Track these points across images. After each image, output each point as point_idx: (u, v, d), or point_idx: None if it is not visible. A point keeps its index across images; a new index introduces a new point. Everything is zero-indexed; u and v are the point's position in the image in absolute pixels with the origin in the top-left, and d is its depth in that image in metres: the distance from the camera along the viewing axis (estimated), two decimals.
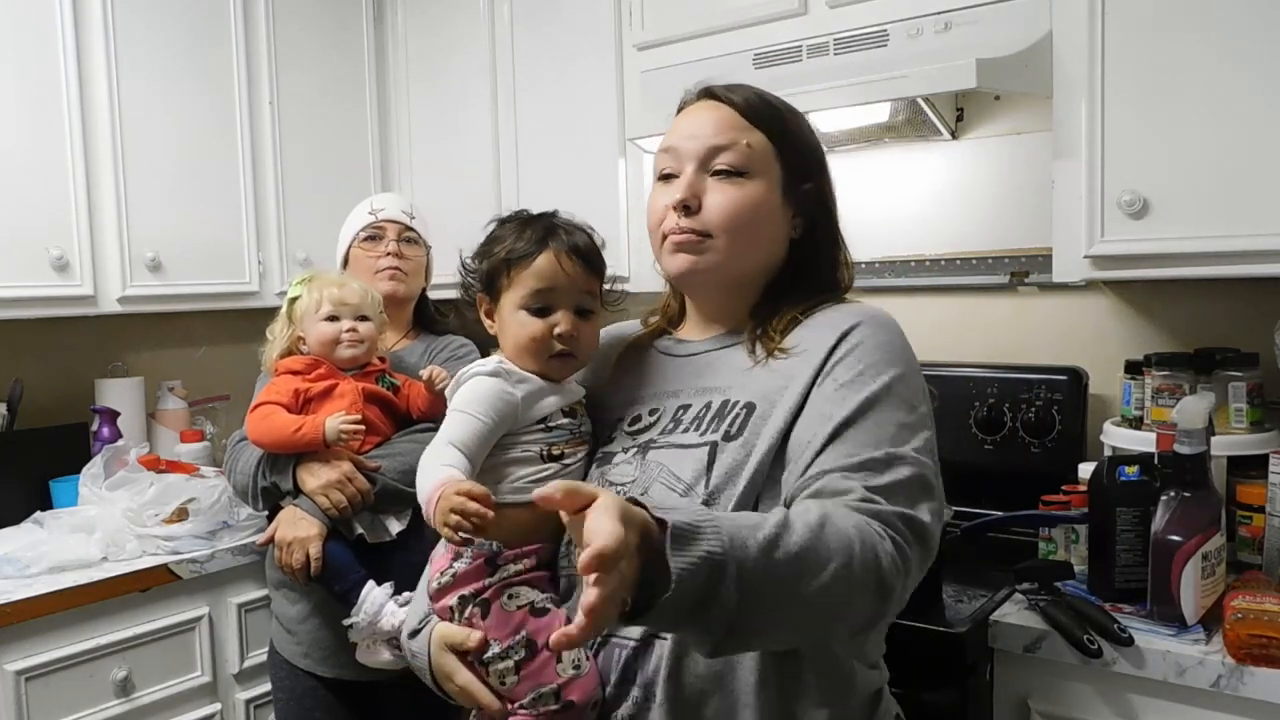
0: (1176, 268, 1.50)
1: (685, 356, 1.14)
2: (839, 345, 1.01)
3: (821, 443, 0.95)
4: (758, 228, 1.08)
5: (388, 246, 1.89)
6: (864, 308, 1.08)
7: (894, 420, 0.96)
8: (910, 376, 1.01)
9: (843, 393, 0.97)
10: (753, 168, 1.07)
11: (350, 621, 1.58)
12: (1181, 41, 1.45)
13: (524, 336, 1.10)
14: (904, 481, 0.93)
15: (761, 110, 1.11)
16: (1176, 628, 1.32)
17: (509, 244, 1.13)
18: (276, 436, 1.62)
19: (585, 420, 1.15)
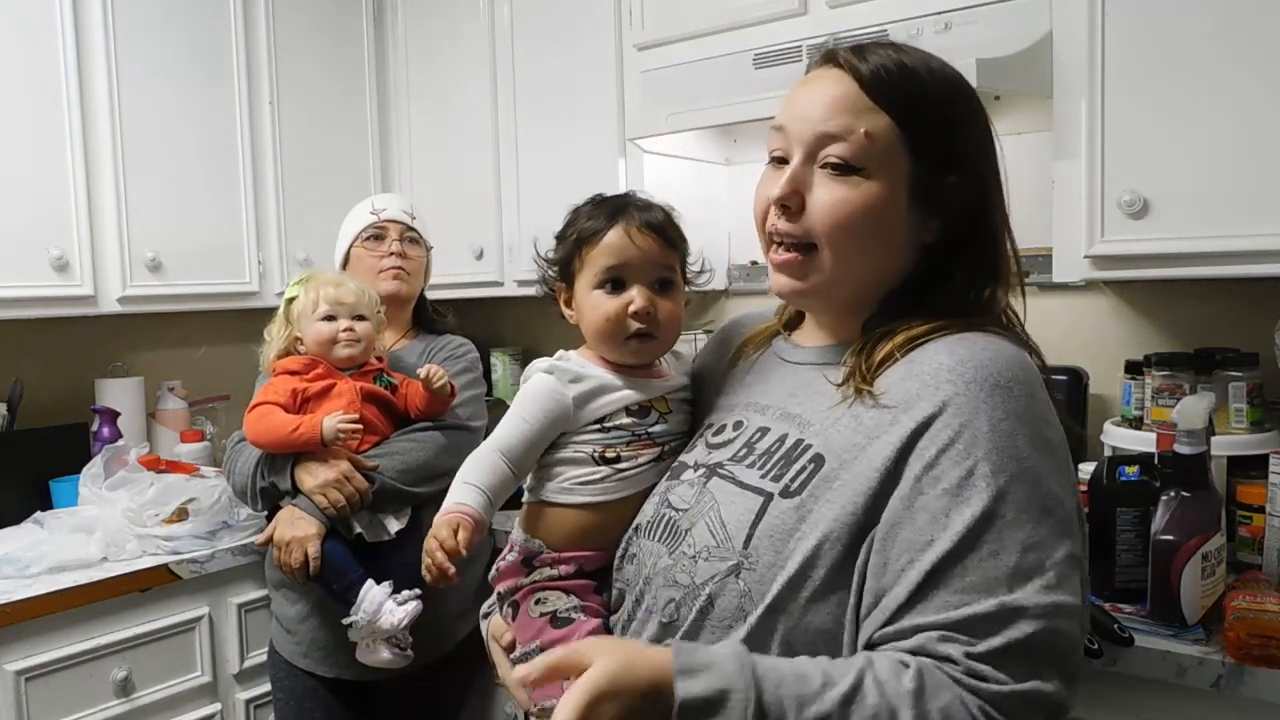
0: (1176, 268, 1.50)
1: (790, 364, 1.01)
2: (937, 418, 0.81)
3: (915, 582, 0.77)
4: (870, 237, 0.90)
5: (390, 246, 1.89)
6: (982, 349, 0.85)
7: (1015, 545, 0.76)
8: (1041, 465, 0.80)
9: (945, 503, 0.78)
10: (870, 163, 0.88)
11: (349, 621, 1.58)
12: (1182, 41, 1.45)
13: (598, 317, 1.03)
14: (1021, 645, 0.74)
15: (892, 83, 0.89)
16: (1176, 628, 1.32)
17: (580, 224, 1.07)
18: (274, 436, 1.62)
19: (667, 420, 1.06)
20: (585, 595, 1.02)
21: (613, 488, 1.02)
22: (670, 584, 0.90)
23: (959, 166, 0.92)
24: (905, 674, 0.74)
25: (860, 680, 0.74)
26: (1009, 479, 0.78)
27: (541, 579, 1.03)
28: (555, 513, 1.04)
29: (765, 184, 0.95)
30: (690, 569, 0.89)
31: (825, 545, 0.82)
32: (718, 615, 0.86)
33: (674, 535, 0.93)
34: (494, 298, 2.51)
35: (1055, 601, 0.76)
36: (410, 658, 1.61)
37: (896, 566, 0.79)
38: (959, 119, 0.94)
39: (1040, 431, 0.83)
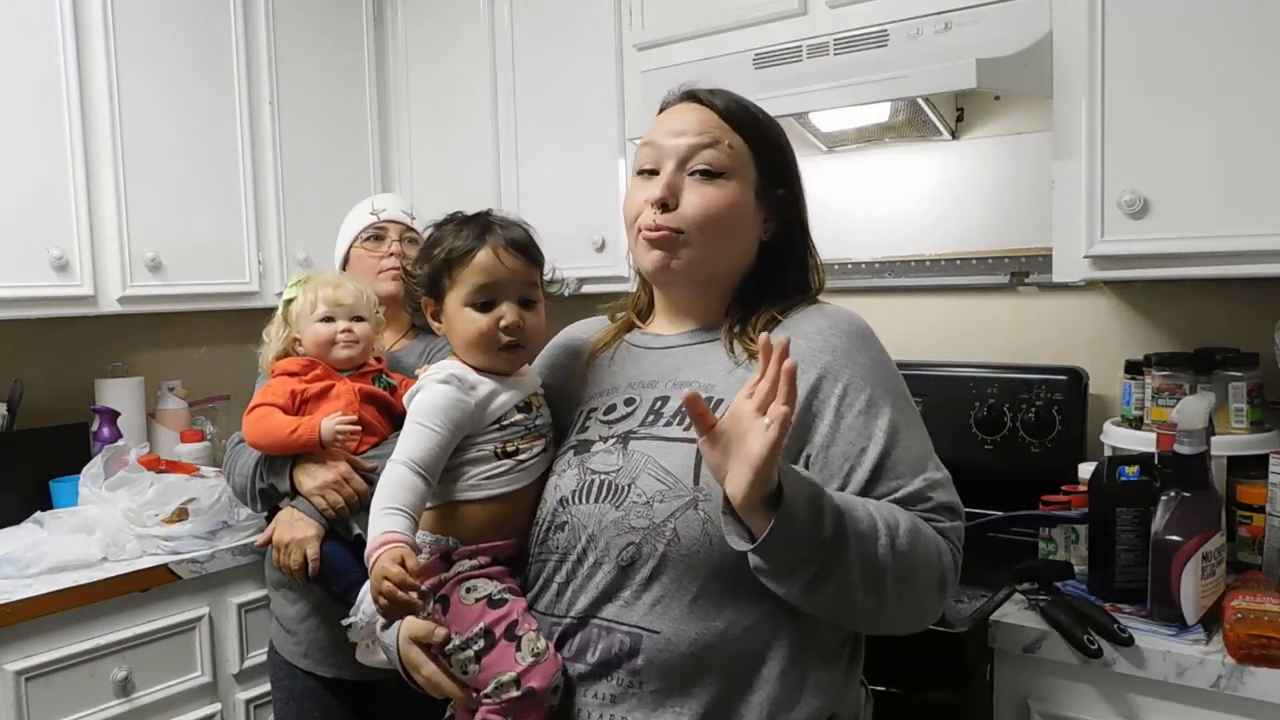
0: (1176, 268, 1.50)
1: (659, 349, 1.17)
2: (834, 364, 1.06)
3: (864, 478, 1.02)
4: (732, 228, 1.12)
5: (390, 247, 1.89)
6: (838, 313, 1.13)
7: (915, 439, 1.06)
8: (902, 386, 1.10)
9: (864, 421, 1.04)
10: (731, 169, 1.11)
11: (349, 621, 1.58)
12: (1182, 41, 1.45)
13: (471, 332, 1.12)
14: (944, 503, 1.04)
15: (741, 115, 1.15)
16: (1176, 628, 1.32)
17: (448, 244, 1.14)
18: (273, 438, 1.62)
19: (542, 414, 1.17)
20: (504, 579, 1.10)
21: (515, 478, 1.12)
22: (626, 530, 1.02)
23: (786, 181, 1.17)
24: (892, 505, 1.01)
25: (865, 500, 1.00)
26: (894, 396, 1.07)
27: (465, 570, 1.10)
28: (465, 509, 1.11)
29: (637, 191, 1.14)
30: (646, 513, 1.01)
31: None
32: (684, 544, 0.99)
33: (615, 493, 1.04)
34: None
35: (945, 474, 1.06)
36: None
37: (843, 471, 1.03)
38: (785, 146, 1.19)
39: (892, 363, 1.11)
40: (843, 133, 2.04)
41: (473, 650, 1.05)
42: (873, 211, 2.13)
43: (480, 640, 1.05)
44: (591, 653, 1.02)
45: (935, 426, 1.12)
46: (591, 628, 1.03)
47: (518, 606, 1.07)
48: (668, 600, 0.99)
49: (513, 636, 1.04)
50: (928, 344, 2.07)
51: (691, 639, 0.98)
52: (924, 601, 1.01)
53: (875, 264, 2.13)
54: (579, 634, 1.03)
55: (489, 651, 1.04)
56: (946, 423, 1.86)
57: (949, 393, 1.90)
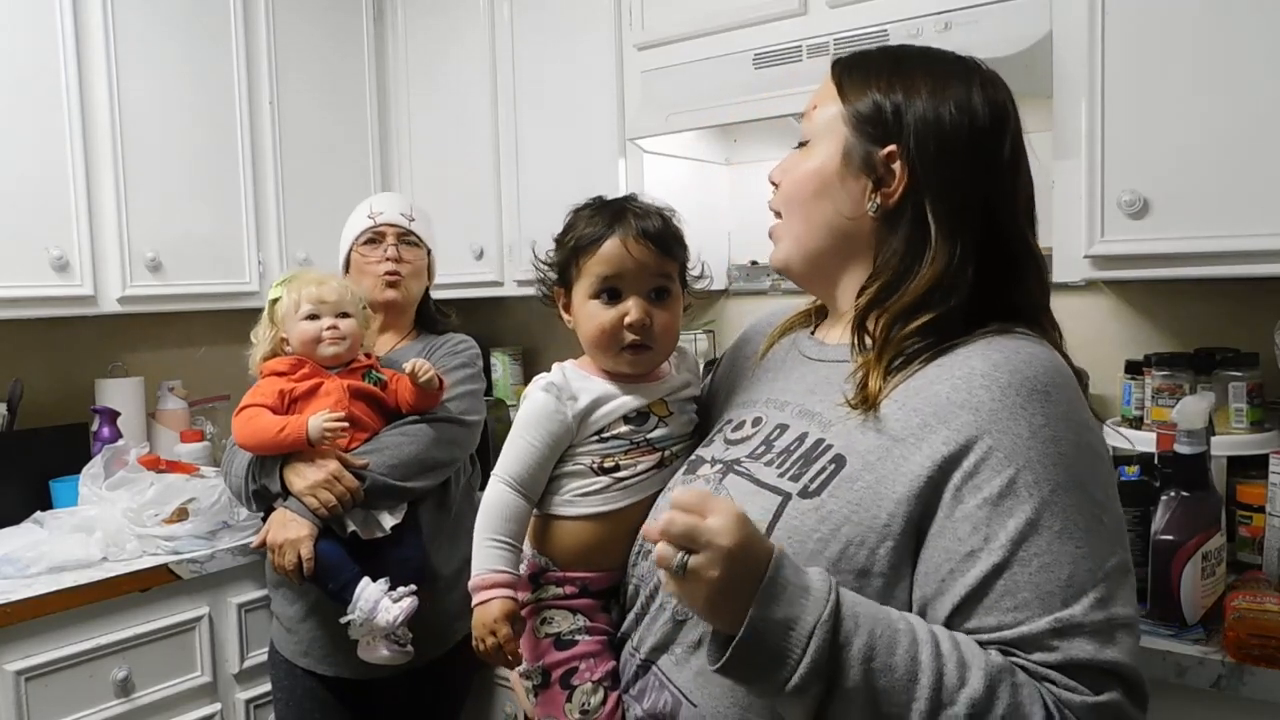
0: (1176, 268, 1.50)
1: (813, 360, 0.99)
2: (974, 426, 0.79)
3: (962, 595, 0.77)
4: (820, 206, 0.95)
5: (386, 251, 1.88)
6: (1011, 354, 0.83)
7: (1066, 558, 0.75)
8: (1077, 476, 0.78)
9: (989, 514, 0.76)
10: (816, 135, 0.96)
11: (347, 619, 1.58)
12: (1181, 41, 1.45)
13: (593, 328, 1.03)
14: (1082, 662, 0.74)
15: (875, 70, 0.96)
16: (1176, 628, 1.32)
17: (579, 230, 1.06)
18: (261, 438, 1.62)
19: (667, 423, 1.05)
20: (591, 614, 1.03)
21: (613, 497, 1.02)
22: None
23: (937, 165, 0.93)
24: (989, 651, 0.75)
25: (938, 632, 0.76)
26: (1053, 488, 0.77)
27: (547, 597, 1.04)
28: (560, 526, 1.04)
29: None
30: None
31: (849, 549, 0.81)
32: None
33: None
34: (494, 298, 2.51)
35: (1110, 615, 0.75)
36: (410, 654, 1.61)
37: (937, 576, 0.78)
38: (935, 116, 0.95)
39: (1082, 437, 0.81)
40: None
41: (532, 683, 1.03)
42: None
43: (539, 676, 1.02)
44: (646, 699, 0.94)
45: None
46: (651, 675, 0.94)
47: (588, 650, 1.01)
48: (711, 673, 0.80)
49: (567, 685, 1.00)
50: None
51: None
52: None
53: None
54: (642, 677, 0.95)
55: (543, 690, 1.02)
56: None
57: None
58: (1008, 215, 0.89)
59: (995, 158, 0.88)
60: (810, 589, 0.74)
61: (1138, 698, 0.76)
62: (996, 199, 0.88)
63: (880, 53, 0.96)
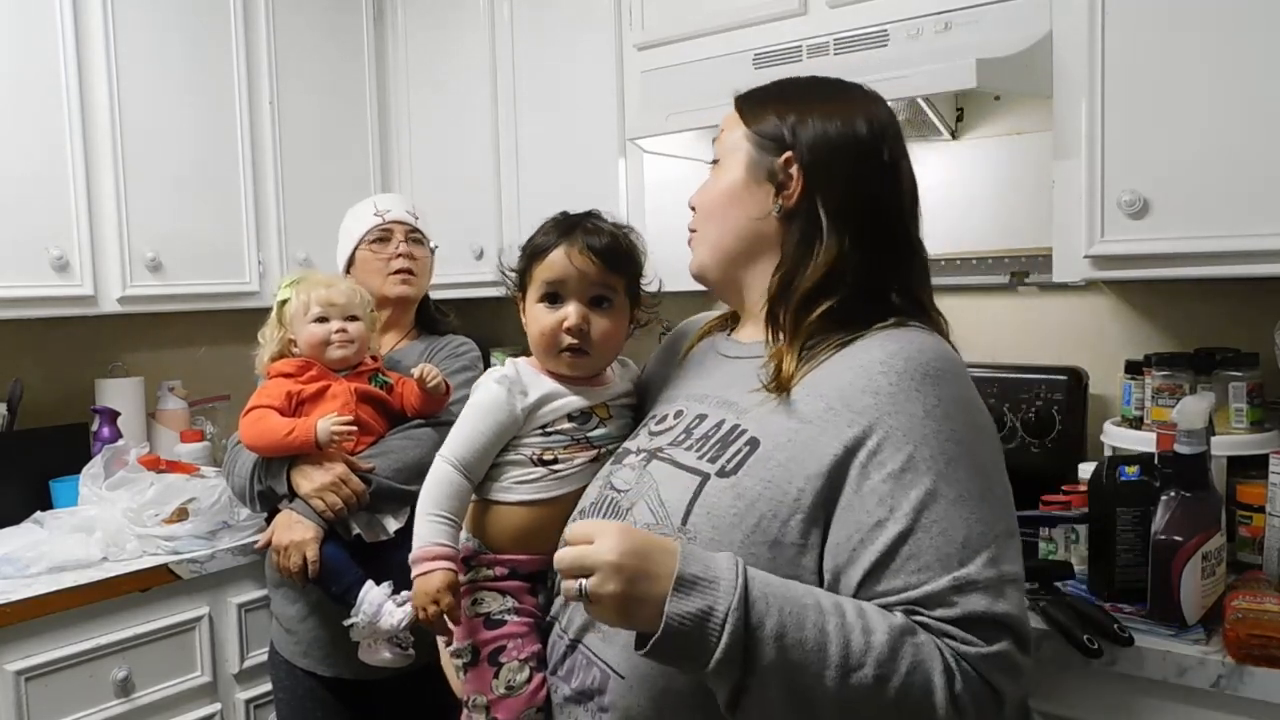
0: (1176, 268, 1.50)
1: (729, 358, 1.09)
2: (875, 409, 0.88)
3: (872, 561, 0.85)
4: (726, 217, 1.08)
5: (397, 248, 1.88)
6: (904, 343, 0.93)
7: (961, 523, 0.84)
8: (966, 451, 0.88)
9: (891, 488, 0.85)
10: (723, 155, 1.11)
11: (350, 622, 1.58)
12: (1181, 41, 1.45)
13: (535, 329, 1.13)
14: (977, 615, 0.83)
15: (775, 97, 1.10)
16: (1176, 628, 1.32)
17: (534, 241, 1.15)
18: (269, 440, 1.62)
19: (607, 424, 1.14)
20: (520, 596, 1.10)
21: (548, 486, 1.10)
22: None
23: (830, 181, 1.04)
24: (890, 614, 0.83)
25: (842, 601, 0.84)
26: (947, 461, 0.86)
27: (479, 578, 1.11)
28: (496, 510, 1.11)
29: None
30: None
31: (763, 522, 0.89)
32: None
33: (615, 515, 1.00)
34: (494, 298, 2.51)
35: (1000, 573, 0.85)
36: (412, 657, 1.61)
37: (848, 546, 0.86)
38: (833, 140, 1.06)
39: (971, 415, 0.91)
40: None
41: (461, 660, 1.09)
42: None
43: (468, 654, 1.08)
44: (575, 678, 1.00)
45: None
46: (579, 653, 1.00)
47: (515, 630, 1.07)
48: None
49: (495, 662, 1.06)
50: None
51: (653, 695, 0.92)
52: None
53: None
54: (570, 657, 1.02)
55: (472, 667, 1.08)
56: None
57: None
58: (891, 210, 1.01)
59: (876, 161, 1.00)
60: (719, 579, 0.81)
61: (1024, 646, 0.85)
62: (880, 196, 1.01)
63: (774, 85, 1.10)
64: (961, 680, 0.81)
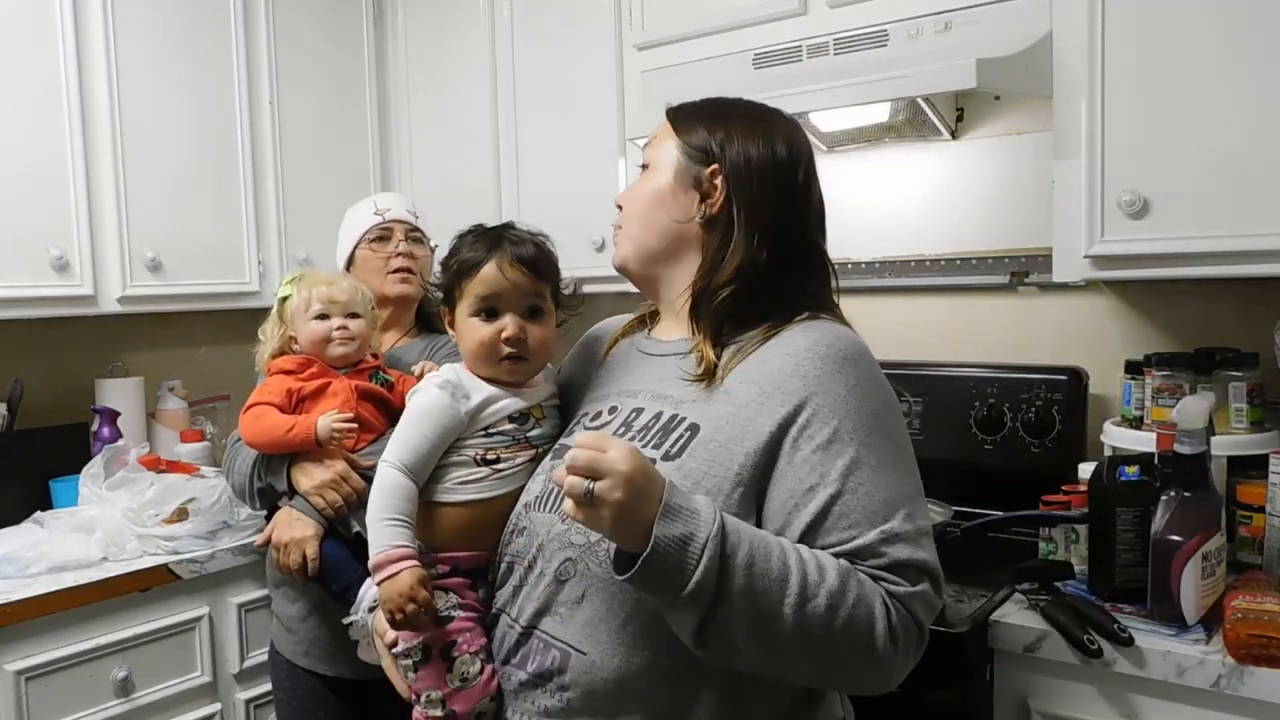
0: (1176, 268, 1.50)
1: (654, 356, 1.16)
2: (803, 390, 0.99)
3: (807, 521, 0.95)
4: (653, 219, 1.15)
5: (397, 247, 1.88)
6: (824, 332, 1.05)
7: (883, 485, 0.96)
8: (882, 422, 1.00)
9: (820, 457, 0.96)
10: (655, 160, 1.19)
11: (349, 620, 1.58)
12: (1181, 41, 1.45)
13: (474, 341, 1.15)
14: (902, 561, 0.94)
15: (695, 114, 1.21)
16: (1176, 628, 1.32)
17: (460, 256, 1.18)
18: (269, 437, 1.62)
19: (542, 425, 1.18)
20: (462, 592, 1.12)
21: (490, 486, 1.13)
22: (565, 545, 1.02)
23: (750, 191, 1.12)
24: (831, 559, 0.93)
25: (798, 546, 0.93)
26: (868, 432, 0.98)
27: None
28: (439, 512, 1.13)
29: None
30: (585, 530, 0.99)
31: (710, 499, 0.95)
32: None
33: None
34: None
35: (917, 526, 0.96)
36: None
37: (784, 510, 0.96)
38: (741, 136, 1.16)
39: (884, 393, 1.03)
40: (843, 132, 2.04)
41: (411, 660, 1.10)
42: (872, 211, 2.13)
43: (419, 652, 1.10)
44: (531, 662, 1.03)
45: (935, 426, 1.07)
46: (534, 638, 1.04)
47: (462, 626, 1.09)
48: (597, 622, 0.99)
49: (447, 657, 1.08)
50: (928, 344, 2.07)
51: (616, 665, 0.97)
52: (849, 672, 0.94)
53: (875, 264, 2.13)
54: (524, 644, 1.05)
55: (425, 665, 1.09)
56: (946, 423, 1.86)
57: (949, 393, 1.90)
58: (801, 224, 1.11)
59: (792, 181, 1.11)
60: (699, 511, 0.89)
61: (938, 587, 0.97)
62: (791, 211, 1.10)
63: (705, 102, 1.19)
64: (895, 614, 0.92)
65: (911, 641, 0.94)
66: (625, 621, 0.98)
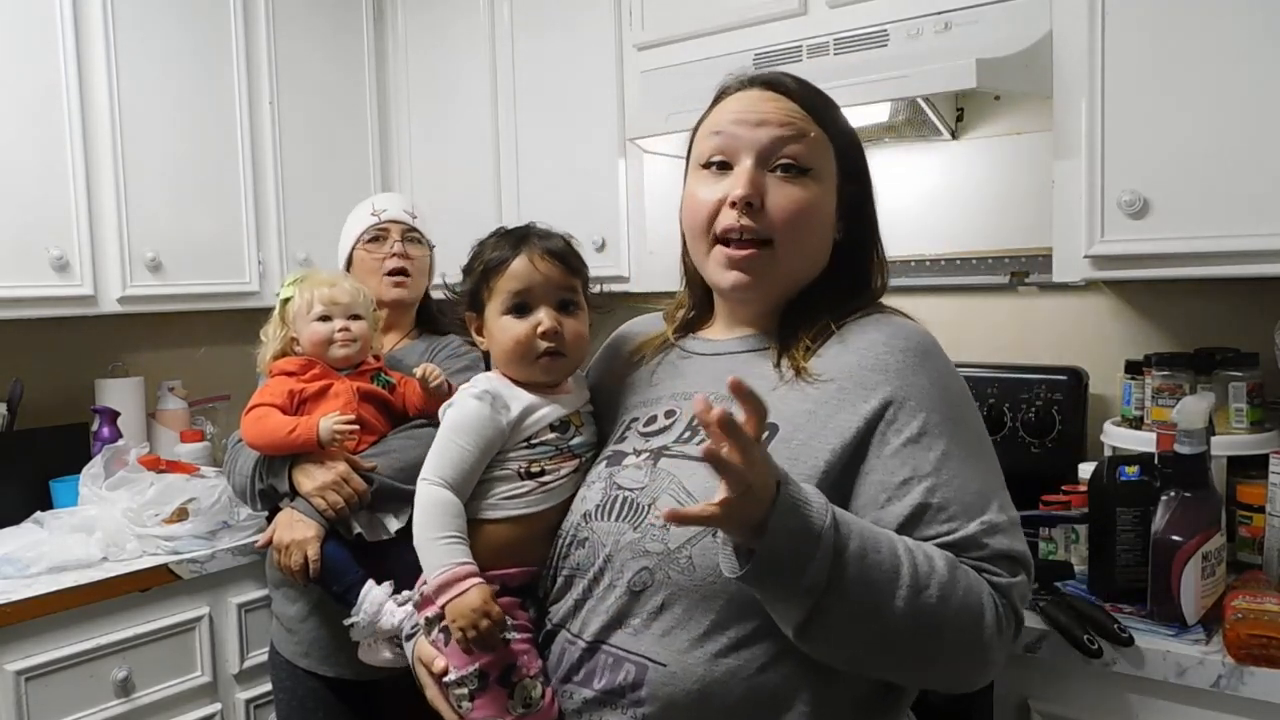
0: (1176, 268, 1.50)
1: (708, 355, 1.10)
2: (888, 384, 0.96)
3: (904, 515, 0.92)
4: (815, 233, 1.04)
5: (392, 248, 1.88)
6: (898, 326, 1.02)
7: (975, 476, 0.94)
8: (966, 414, 0.99)
9: (911, 450, 0.93)
10: (817, 165, 1.02)
11: (351, 621, 1.58)
12: (1181, 41, 1.45)
13: (508, 340, 1.10)
14: (1003, 552, 0.92)
15: (819, 103, 1.05)
16: (1176, 628, 1.32)
17: (485, 256, 1.14)
18: (271, 438, 1.62)
19: (582, 433, 1.12)
20: (514, 612, 1.06)
21: (536, 499, 1.08)
22: (640, 554, 0.96)
23: (860, 176, 1.08)
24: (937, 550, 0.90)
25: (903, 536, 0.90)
26: (954, 425, 0.96)
27: None
28: (483, 530, 1.07)
29: (706, 188, 1.04)
30: (662, 537, 0.95)
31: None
32: (699, 574, 0.93)
33: (635, 512, 0.99)
34: None
35: (1010, 517, 0.95)
36: None
37: (875, 505, 0.93)
38: (856, 139, 1.09)
39: (960, 385, 1.01)
40: None
41: (467, 689, 1.03)
42: None
43: (474, 680, 1.03)
44: (599, 679, 0.97)
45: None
46: (601, 654, 0.98)
47: (520, 648, 1.04)
48: (677, 631, 0.93)
49: (507, 682, 1.02)
50: None
51: (699, 675, 0.92)
52: (955, 664, 0.91)
53: None
54: (589, 660, 0.99)
55: (482, 693, 1.03)
56: None
57: None
58: (875, 221, 1.10)
59: (869, 177, 1.09)
60: (811, 501, 0.85)
61: (1031, 578, 0.96)
62: (872, 209, 1.09)
63: (814, 87, 1.08)
64: (1000, 604, 0.90)
65: (1011, 632, 0.93)
66: (708, 630, 0.92)
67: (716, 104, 1.08)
